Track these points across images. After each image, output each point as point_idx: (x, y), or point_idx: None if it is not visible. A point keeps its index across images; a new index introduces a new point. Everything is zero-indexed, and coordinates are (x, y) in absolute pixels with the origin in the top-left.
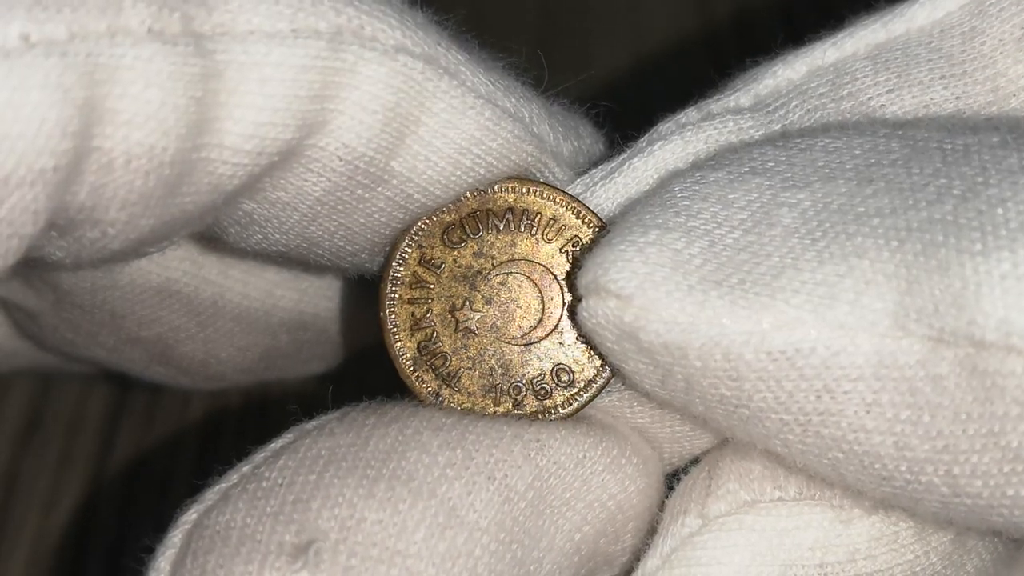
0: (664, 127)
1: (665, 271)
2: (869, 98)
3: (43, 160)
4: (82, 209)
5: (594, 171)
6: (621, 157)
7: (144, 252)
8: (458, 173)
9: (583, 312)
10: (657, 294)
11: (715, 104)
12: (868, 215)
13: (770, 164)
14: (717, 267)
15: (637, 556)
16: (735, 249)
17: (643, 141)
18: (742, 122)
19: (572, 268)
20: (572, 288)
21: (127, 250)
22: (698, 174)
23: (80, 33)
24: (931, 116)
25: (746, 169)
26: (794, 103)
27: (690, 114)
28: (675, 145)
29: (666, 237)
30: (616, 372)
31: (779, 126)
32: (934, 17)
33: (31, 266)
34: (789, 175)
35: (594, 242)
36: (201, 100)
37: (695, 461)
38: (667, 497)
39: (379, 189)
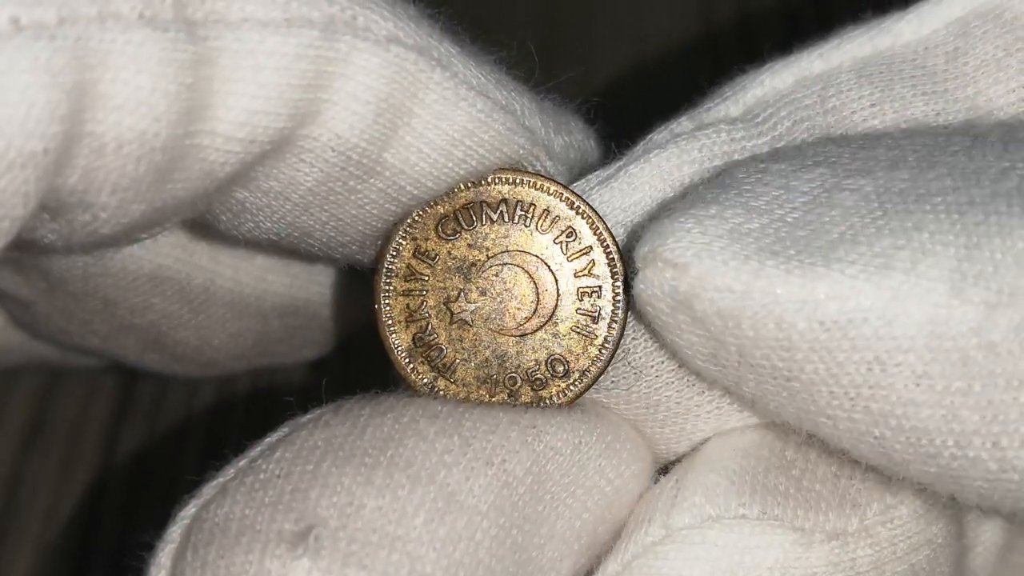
0: (659, 136)
1: (723, 242)
2: (852, 112)
3: (32, 143)
4: (73, 192)
5: (590, 176)
6: (617, 164)
7: (136, 238)
8: (450, 165)
9: (639, 284)
10: (713, 263)
11: (707, 114)
12: (930, 194)
13: (832, 157)
14: (775, 240)
15: (598, 559)
16: (794, 226)
17: (638, 149)
18: (735, 132)
19: (629, 242)
20: (626, 265)
21: (118, 235)
22: (760, 164)
23: (70, 17)
24: (989, 120)
25: (809, 161)
26: (782, 113)
27: (683, 123)
28: (670, 153)
29: (726, 212)
30: (667, 347)
31: (769, 136)
32: (920, 34)
33: (24, 249)
34: (852, 166)
35: (653, 220)
36: (193, 86)
37: (664, 470)
38: None
39: (371, 180)
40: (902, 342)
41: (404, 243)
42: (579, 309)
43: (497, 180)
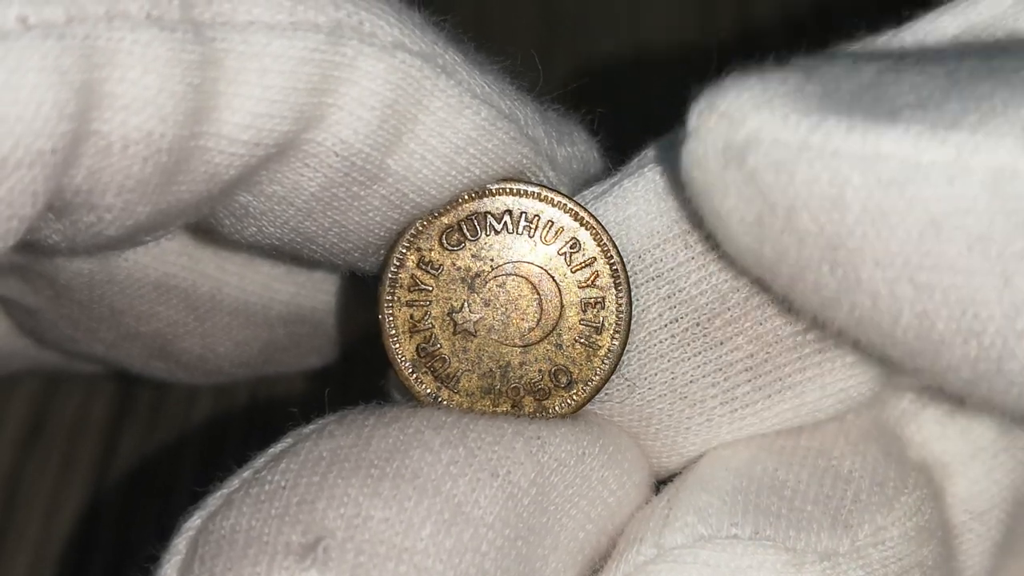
0: (652, 152)
1: (784, 98)
2: None
3: (41, 142)
4: (79, 192)
5: (584, 192)
6: (611, 180)
7: (140, 241)
8: (453, 173)
9: (687, 148)
10: (772, 116)
11: None
12: (1004, 70)
13: (897, 54)
14: (838, 100)
15: (592, 573)
16: (859, 92)
17: (632, 164)
18: None
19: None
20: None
21: (123, 237)
22: (825, 55)
23: (79, 16)
24: None
25: (875, 54)
26: None
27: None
28: (664, 167)
29: (790, 76)
30: (706, 219)
31: None
32: None
33: (27, 250)
34: (919, 59)
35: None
36: (199, 88)
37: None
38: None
39: (374, 187)
40: (962, 202)
41: (408, 253)
42: (582, 320)
43: (501, 191)
